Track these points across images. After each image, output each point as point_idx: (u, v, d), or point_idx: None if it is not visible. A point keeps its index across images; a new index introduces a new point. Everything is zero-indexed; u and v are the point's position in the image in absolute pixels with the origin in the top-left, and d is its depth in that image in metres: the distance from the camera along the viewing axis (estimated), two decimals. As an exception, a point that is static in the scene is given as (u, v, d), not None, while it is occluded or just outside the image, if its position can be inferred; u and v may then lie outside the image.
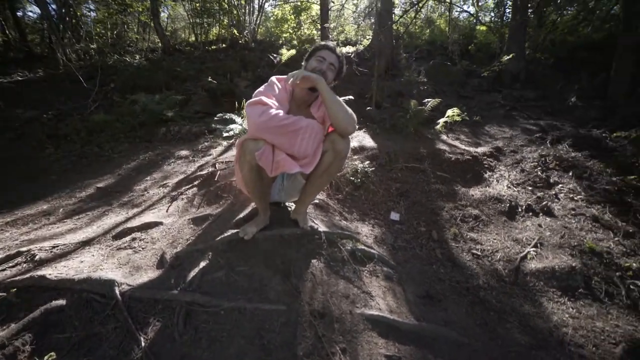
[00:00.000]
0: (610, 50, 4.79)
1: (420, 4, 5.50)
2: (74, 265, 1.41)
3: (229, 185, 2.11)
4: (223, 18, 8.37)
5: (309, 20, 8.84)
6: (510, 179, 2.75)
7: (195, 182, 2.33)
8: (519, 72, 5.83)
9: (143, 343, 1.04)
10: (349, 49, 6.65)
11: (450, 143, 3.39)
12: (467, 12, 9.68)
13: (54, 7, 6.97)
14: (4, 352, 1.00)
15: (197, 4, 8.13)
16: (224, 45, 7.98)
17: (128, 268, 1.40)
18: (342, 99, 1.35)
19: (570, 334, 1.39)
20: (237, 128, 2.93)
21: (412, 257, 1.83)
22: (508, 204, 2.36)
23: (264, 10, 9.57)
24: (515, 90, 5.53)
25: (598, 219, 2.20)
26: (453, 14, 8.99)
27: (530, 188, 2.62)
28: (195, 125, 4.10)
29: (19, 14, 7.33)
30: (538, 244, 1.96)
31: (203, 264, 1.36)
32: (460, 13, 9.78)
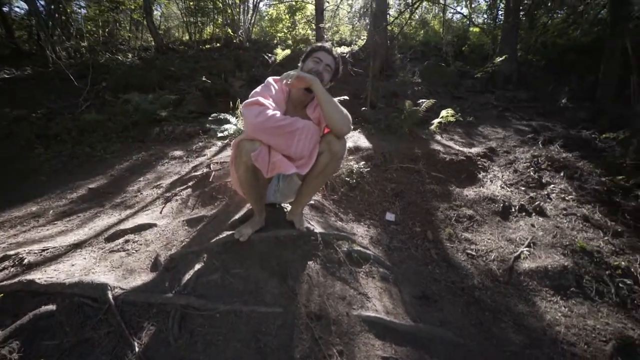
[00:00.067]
0: (599, 54, 4.89)
1: (415, 5, 5.54)
2: (65, 269, 1.37)
3: (224, 186, 2.09)
4: (217, 17, 8.30)
5: (304, 20, 8.82)
6: (504, 179, 2.79)
7: (190, 183, 2.30)
8: (512, 73, 5.92)
9: (137, 348, 1.02)
10: (344, 49, 6.67)
11: (445, 143, 3.42)
12: (460, 13, 9.81)
13: (43, 3, 6.82)
14: (-9, 359, 0.97)
15: (191, 3, 8.05)
16: (218, 45, 7.92)
17: (121, 271, 1.37)
18: (337, 99, 1.34)
19: (563, 333, 1.42)
20: (231, 128, 2.91)
21: (407, 257, 1.84)
22: (502, 204, 2.39)
23: (259, 10, 9.54)
24: (508, 92, 5.62)
25: (588, 219, 2.24)
26: (447, 15, 9.10)
27: (523, 188, 2.66)
28: (190, 125, 4.05)
29: (5, 9, 7.13)
30: (531, 244, 1.99)
31: (198, 267, 1.34)
32: (454, 14, 9.91)
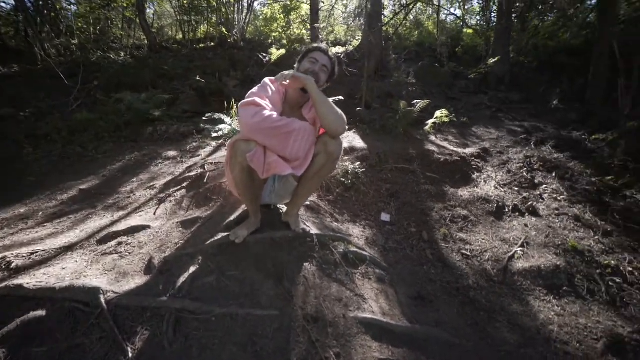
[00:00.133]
0: (588, 56, 4.98)
1: (410, 7, 5.57)
2: (55, 273, 1.34)
3: (219, 187, 2.07)
4: (211, 16, 8.22)
5: (299, 20, 8.80)
6: (498, 180, 2.82)
7: (184, 183, 2.28)
8: (504, 74, 5.99)
9: (130, 353, 1.00)
10: (339, 50, 6.67)
11: (439, 144, 3.45)
12: (454, 15, 9.91)
13: (31, -1, 6.66)
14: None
15: (184, 1, 7.95)
16: (213, 44, 7.84)
17: (114, 274, 1.34)
18: (331, 100, 1.34)
19: (556, 332, 1.44)
20: (226, 128, 2.89)
21: (403, 258, 1.84)
22: (495, 205, 2.42)
23: (253, 9, 9.48)
24: (501, 93, 5.69)
25: (580, 219, 2.28)
26: (441, 17, 9.18)
27: (517, 188, 2.69)
28: (183, 125, 4.00)
29: (-9, 5, 6.97)
30: (525, 244, 2.01)
31: (193, 269, 1.32)
32: (448, 16, 10.01)
